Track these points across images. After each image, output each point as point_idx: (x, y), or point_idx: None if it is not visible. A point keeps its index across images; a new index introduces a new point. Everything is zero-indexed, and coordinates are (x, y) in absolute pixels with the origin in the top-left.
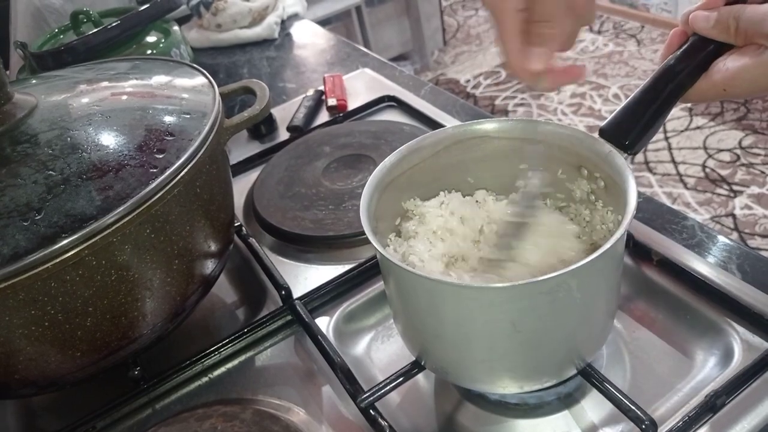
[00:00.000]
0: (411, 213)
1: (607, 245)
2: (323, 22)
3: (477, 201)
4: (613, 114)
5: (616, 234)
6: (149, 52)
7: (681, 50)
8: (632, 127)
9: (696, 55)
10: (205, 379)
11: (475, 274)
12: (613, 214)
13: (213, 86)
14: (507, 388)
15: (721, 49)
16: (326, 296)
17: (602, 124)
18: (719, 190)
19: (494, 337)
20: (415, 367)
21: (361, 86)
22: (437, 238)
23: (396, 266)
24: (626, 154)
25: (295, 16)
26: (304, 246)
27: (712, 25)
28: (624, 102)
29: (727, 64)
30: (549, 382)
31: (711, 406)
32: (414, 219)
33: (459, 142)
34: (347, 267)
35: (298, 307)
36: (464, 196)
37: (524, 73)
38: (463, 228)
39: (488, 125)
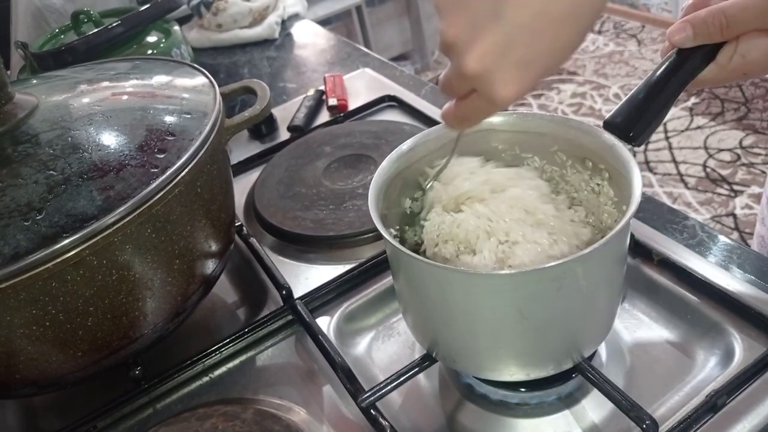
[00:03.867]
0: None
1: (611, 233)
2: (324, 22)
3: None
4: (617, 106)
5: (620, 222)
6: (150, 52)
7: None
8: (636, 119)
9: (697, 51)
10: (205, 379)
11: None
12: (617, 206)
13: (214, 86)
14: (514, 375)
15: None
16: (327, 296)
17: (606, 116)
18: (720, 190)
19: (501, 324)
20: (421, 363)
21: (361, 86)
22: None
23: (405, 255)
24: (630, 146)
25: (295, 16)
26: (305, 246)
27: (693, 37)
28: (628, 95)
29: (746, 54)
30: (554, 370)
31: (712, 405)
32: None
33: (464, 135)
34: (348, 267)
35: (298, 306)
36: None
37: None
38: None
39: (494, 119)
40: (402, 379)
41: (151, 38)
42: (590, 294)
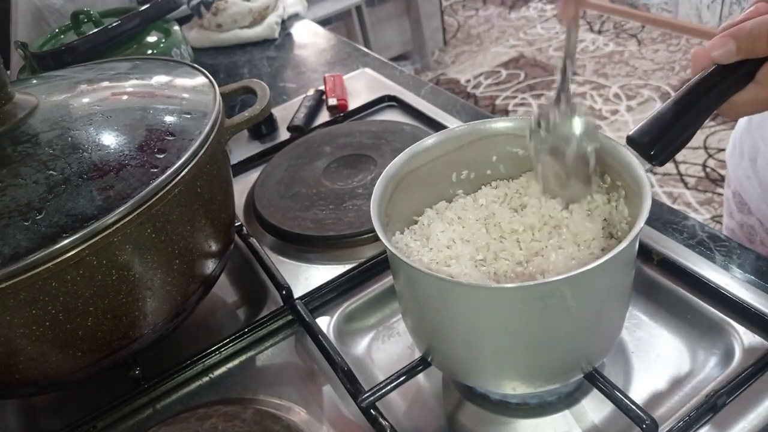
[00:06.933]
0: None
1: (604, 259)
2: (323, 22)
3: (482, 204)
4: (642, 122)
5: (620, 245)
6: (150, 52)
7: (716, 65)
8: (659, 137)
9: (736, 69)
10: (205, 379)
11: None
12: (630, 225)
13: (213, 86)
14: (517, 389)
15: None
16: (327, 296)
17: (631, 132)
18: (720, 190)
19: (485, 337)
20: (421, 364)
21: (361, 86)
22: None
23: (404, 263)
24: (651, 164)
25: (295, 16)
26: (305, 246)
27: (736, 52)
28: (654, 110)
29: None
30: (554, 384)
31: (712, 405)
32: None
33: (474, 141)
34: (348, 267)
35: (298, 306)
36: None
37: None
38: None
39: (513, 123)
40: (402, 379)
41: (151, 38)
42: (582, 315)
